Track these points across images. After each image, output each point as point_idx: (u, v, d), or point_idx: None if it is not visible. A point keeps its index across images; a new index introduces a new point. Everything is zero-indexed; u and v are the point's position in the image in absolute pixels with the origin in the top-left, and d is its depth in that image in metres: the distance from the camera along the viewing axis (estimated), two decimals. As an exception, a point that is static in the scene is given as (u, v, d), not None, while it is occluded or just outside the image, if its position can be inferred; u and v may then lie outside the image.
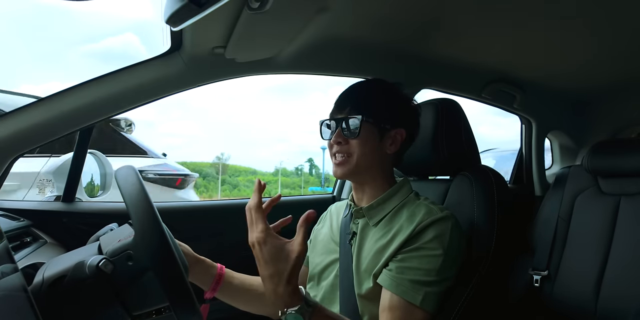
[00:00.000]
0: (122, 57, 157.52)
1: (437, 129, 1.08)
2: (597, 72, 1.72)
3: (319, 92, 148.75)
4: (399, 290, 0.84)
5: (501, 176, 1.06)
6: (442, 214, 0.89)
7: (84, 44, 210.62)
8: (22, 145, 1.12)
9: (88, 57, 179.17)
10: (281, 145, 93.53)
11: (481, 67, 1.66)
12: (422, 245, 0.86)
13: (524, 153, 2.10)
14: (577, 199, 1.41)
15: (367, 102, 0.97)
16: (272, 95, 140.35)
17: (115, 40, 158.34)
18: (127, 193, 0.62)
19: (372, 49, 1.44)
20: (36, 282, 0.61)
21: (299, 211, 0.69)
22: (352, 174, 0.96)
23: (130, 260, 0.61)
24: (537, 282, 1.39)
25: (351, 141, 0.94)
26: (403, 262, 0.86)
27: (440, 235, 0.86)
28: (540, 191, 2.05)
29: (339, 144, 0.95)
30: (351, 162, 0.94)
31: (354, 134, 0.93)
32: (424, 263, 0.85)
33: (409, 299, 0.83)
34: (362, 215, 0.98)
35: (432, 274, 0.84)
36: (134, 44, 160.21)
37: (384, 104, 0.97)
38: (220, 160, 42.51)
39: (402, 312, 0.83)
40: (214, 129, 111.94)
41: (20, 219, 1.13)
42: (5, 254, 0.54)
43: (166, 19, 0.78)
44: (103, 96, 1.18)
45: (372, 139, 0.95)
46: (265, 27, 1.08)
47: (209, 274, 0.97)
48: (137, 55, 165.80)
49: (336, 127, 0.96)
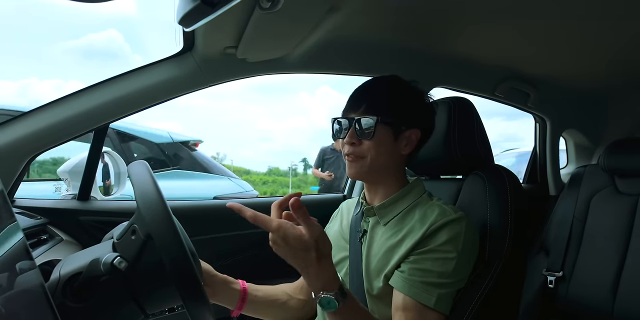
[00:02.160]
0: (104, 54, 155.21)
1: (449, 127, 1.07)
2: (613, 69, 1.68)
3: (305, 92, 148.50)
4: (411, 292, 0.83)
5: (515, 176, 1.05)
6: (455, 215, 0.88)
7: (65, 40, 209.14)
8: (39, 145, 1.15)
9: (69, 54, 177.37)
10: (265, 145, 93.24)
11: (494, 65, 1.64)
12: (435, 248, 0.85)
13: (538, 152, 2.08)
14: (593, 199, 1.39)
15: (383, 101, 0.94)
16: (257, 95, 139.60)
17: (98, 36, 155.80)
18: (136, 181, 0.62)
19: (384, 47, 1.44)
20: (53, 278, 0.62)
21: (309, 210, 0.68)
22: (365, 175, 0.94)
23: (133, 235, 0.62)
24: (552, 284, 1.37)
25: (365, 142, 0.91)
26: (416, 264, 0.85)
27: (454, 237, 0.85)
28: (554, 191, 2.02)
29: (351, 145, 0.92)
30: (364, 163, 0.92)
31: (368, 136, 0.90)
32: (437, 266, 0.84)
33: (422, 300, 0.82)
34: (373, 214, 0.97)
35: (445, 276, 0.84)
36: (117, 41, 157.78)
37: (400, 104, 0.94)
38: (216, 160, 42.44)
39: (415, 314, 0.82)
40: (197, 129, 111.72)
41: (37, 216, 1.15)
42: (24, 251, 0.55)
43: (179, 19, 0.79)
44: (116, 97, 1.20)
45: (386, 141, 0.92)
46: (276, 27, 1.08)
47: (233, 290, 0.95)
48: (120, 53, 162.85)
49: (349, 127, 0.92)
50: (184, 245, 0.57)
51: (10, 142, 1.12)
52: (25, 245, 0.56)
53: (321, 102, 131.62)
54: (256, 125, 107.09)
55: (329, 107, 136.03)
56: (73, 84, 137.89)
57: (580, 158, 2.18)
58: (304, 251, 0.68)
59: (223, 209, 1.53)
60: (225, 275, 0.96)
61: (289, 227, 0.68)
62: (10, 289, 0.48)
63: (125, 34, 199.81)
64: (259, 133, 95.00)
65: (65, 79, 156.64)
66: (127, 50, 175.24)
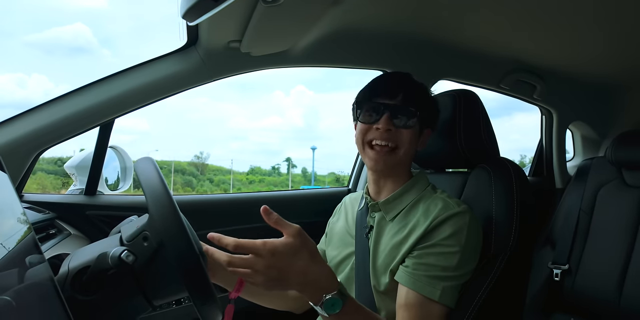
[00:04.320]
0: (70, 48, 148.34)
1: (455, 120, 1.07)
2: (621, 61, 1.66)
3: (280, 91, 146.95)
4: (416, 286, 0.83)
5: (521, 168, 1.04)
6: (458, 209, 0.87)
7: (27, 34, 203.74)
8: (45, 140, 1.16)
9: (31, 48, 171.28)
10: (237, 143, 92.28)
11: (500, 57, 1.62)
12: (438, 242, 0.85)
13: (545, 145, 2.06)
14: (600, 192, 1.38)
15: (422, 96, 0.96)
16: (229, 92, 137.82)
17: (63, 30, 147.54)
18: (145, 181, 0.63)
19: (388, 40, 1.43)
20: (62, 272, 0.63)
21: (314, 203, 0.69)
22: (394, 166, 0.93)
23: (146, 241, 0.63)
24: (558, 276, 1.37)
25: (402, 131, 0.90)
26: (420, 259, 0.85)
27: (457, 231, 0.85)
28: (561, 183, 2.01)
29: (387, 132, 0.90)
30: (398, 153, 0.91)
31: (408, 125, 0.91)
32: (441, 260, 0.84)
33: (427, 294, 0.82)
34: (378, 209, 0.97)
35: (450, 270, 0.84)
36: (84, 35, 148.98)
37: (429, 104, 0.98)
38: (199, 159, 40.28)
39: (420, 308, 0.82)
40: (166, 126, 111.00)
41: (45, 211, 1.17)
42: (33, 245, 0.55)
43: (183, 13, 0.79)
44: (121, 92, 1.20)
45: (416, 133, 0.94)
46: (280, 20, 1.08)
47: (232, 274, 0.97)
48: (87, 47, 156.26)
49: (382, 113, 0.90)
50: (199, 259, 0.58)
51: (17, 138, 1.13)
52: (35, 239, 0.56)
53: (296, 102, 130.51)
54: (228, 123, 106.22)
55: (305, 106, 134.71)
56: (36, 77, 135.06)
57: (587, 150, 2.17)
58: (295, 255, 0.65)
59: (231, 202, 1.54)
60: None
61: (272, 240, 0.66)
62: (20, 283, 0.48)
63: (94, 28, 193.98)
64: (231, 131, 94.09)
65: (28, 73, 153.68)
66: (95, 45, 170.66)
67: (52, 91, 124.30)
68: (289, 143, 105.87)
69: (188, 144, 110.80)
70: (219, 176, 39.18)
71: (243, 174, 40.05)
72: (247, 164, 53.90)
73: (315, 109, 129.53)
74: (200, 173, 38.44)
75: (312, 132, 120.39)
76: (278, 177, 41.31)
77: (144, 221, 0.66)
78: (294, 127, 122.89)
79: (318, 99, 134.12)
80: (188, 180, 33.57)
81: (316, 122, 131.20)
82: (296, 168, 42.03)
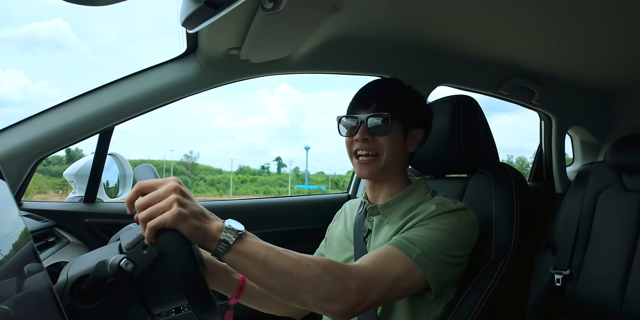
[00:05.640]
0: (48, 44, 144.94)
1: (454, 125, 1.07)
2: (620, 66, 1.67)
3: (264, 90, 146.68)
4: (395, 242, 0.81)
5: (520, 174, 1.04)
6: (455, 206, 0.89)
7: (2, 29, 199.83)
8: (44, 149, 1.16)
9: (6, 43, 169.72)
10: (223, 143, 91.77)
11: (498, 63, 1.63)
12: (430, 222, 0.85)
13: (544, 150, 2.06)
14: (600, 197, 1.38)
15: (394, 99, 0.96)
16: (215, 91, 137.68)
17: (41, 26, 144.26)
18: None
19: (387, 46, 1.44)
20: (60, 280, 0.62)
21: (314, 210, 0.69)
22: (379, 173, 0.95)
23: (145, 249, 0.62)
24: (559, 282, 1.36)
25: (379, 139, 0.93)
26: (409, 231, 0.85)
27: (450, 216, 0.86)
28: (561, 188, 2.01)
29: (364, 141, 0.93)
30: (379, 160, 0.93)
31: (382, 132, 0.92)
32: (426, 232, 0.83)
33: (403, 250, 0.79)
34: (377, 213, 0.97)
35: (434, 243, 0.81)
36: (64, 32, 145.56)
37: (408, 103, 0.97)
38: (189, 158, 39.18)
39: (386, 258, 0.78)
40: (149, 125, 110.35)
41: (44, 219, 1.16)
42: (32, 254, 0.55)
43: (182, 21, 0.79)
44: (121, 99, 1.21)
45: (399, 137, 0.94)
46: (279, 28, 1.08)
47: (232, 279, 0.96)
48: (66, 43, 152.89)
49: (359, 124, 0.94)
50: (200, 269, 0.58)
51: (16, 146, 1.12)
52: (33, 247, 0.56)
53: (281, 101, 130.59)
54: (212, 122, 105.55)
55: (289, 105, 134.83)
56: (11, 73, 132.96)
57: (587, 155, 2.17)
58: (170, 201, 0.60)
59: (232, 209, 1.54)
60: (225, 264, 0.96)
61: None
62: (19, 291, 0.48)
63: (73, 24, 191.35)
64: (215, 130, 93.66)
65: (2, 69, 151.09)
66: (74, 41, 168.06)
67: (29, 88, 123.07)
68: (274, 142, 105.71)
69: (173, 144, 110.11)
70: (209, 175, 38.83)
71: (232, 173, 39.47)
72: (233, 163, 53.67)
73: (300, 109, 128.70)
74: (190, 172, 37.98)
75: (297, 132, 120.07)
76: (268, 176, 40.83)
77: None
78: (279, 127, 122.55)
79: (303, 99, 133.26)
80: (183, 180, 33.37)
81: (301, 122, 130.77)
82: (286, 167, 41.68)
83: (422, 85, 1.60)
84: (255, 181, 35.87)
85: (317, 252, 1.16)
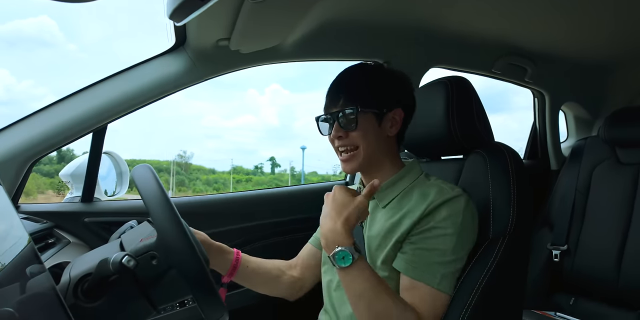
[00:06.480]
0: (33, 42, 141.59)
1: (448, 107, 1.06)
2: (611, 41, 1.66)
3: (254, 89, 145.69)
4: (416, 275, 0.84)
5: (516, 152, 1.04)
6: (453, 193, 0.88)
7: None
8: (39, 150, 1.14)
9: None
10: (212, 142, 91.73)
11: (491, 42, 1.62)
12: (434, 225, 0.86)
13: (538, 127, 2.07)
14: (594, 171, 1.39)
15: (359, 89, 0.95)
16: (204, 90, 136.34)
17: (26, 23, 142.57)
18: (146, 194, 0.63)
19: (378, 30, 1.42)
20: (63, 280, 0.62)
21: (312, 198, 0.70)
22: (361, 166, 0.95)
23: (154, 260, 0.63)
24: (557, 257, 1.38)
25: (351, 133, 0.93)
26: (416, 244, 0.86)
27: (453, 214, 0.86)
28: (556, 165, 2.02)
29: (340, 139, 0.94)
30: (359, 155, 0.93)
31: (352, 127, 0.92)
32: (438, 243, 0.85)
33: (426, 281, 0.84)
34: (371, 198, 0.98)
35: (447, 254, 0.85)
36: (50, 29, 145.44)
37: (377, 88, 0.95)
38: (182, 158, 39.85)
39: (422, 294, 0.84)
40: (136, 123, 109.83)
41: (43, 221, 1.16)
42: (33, 255, 0.55)
43: (169, 14, 0.78)
44: (113, 96, 1.19)
45: (371, 127, 0.93)
46: (267, 16, 1.07)
47: (226, 259, 1.00)
48: (52, 41, 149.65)
49: (333, 122, 0.94)
50: (210, 278, 0.60)
51: (10, 149, 1.11)
52: (34, 249, 0.56)
53: (271, 101, 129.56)
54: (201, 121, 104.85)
55: (280, 105, 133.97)
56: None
57: (581, 131, 2.18)
58: (339, 205, 0.83)
59: (232, 202, 1.54)
60: (220, 244, 1.01)
61: (345, 189, 0.87)
62: (22, 293, 0.48)
63: (60, 22, 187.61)
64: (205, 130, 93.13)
65: None
66: (61, 39, 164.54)
67: (14, 87, 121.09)
68: (264, 142, 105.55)
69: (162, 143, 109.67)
70: (204, 175, 39.02)
71: (226, 173, 39.53)
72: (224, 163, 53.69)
73: (291, 109, 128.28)
74: (184, 172, 38.16)
75: (288, 132, 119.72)
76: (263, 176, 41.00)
77: (148, 235, 0.66)
78: (269, 126, 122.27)
79: (293, 99, 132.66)
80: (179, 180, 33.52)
81: (291, 121, 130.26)
82: (280, 167, 41.86)
83: (415, 68, 1.59)
84: (251, 181, 35.93)
85: (314, 236, 1.17)
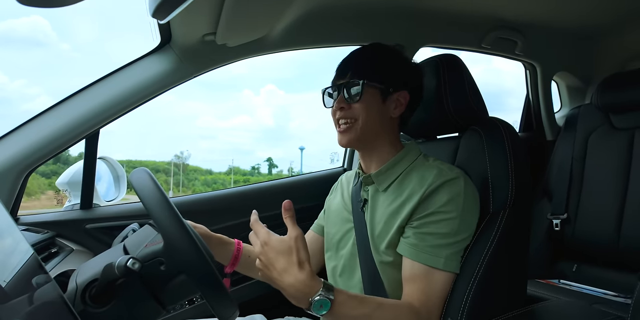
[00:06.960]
0: (26, 42, 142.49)
1: (440, 85, 1.06)
2: (599, 9, 1.65)
3: (249, 90, 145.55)
4: (419, 258, 0.85)
5: (511, 126, 1.04)
6: (452, 175, 0.88)
7: None
8: (33, 160, 1.14)
9: None
10: (206, 143, 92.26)
11: (479, 17, 1.60)
12: (436, 210, 0.86)
13: (531, 99, 2.06)
14: (590, 138, 1.39)
15: (368, 66, 0.96)
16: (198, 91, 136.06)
17: (18, 23, 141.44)
18: (147, 200, 0.63)
19: (364, 13, 1.40)
20: (70, 288, 0.62)
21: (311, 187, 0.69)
22: (358, 140, 0.95)
23: (162, 266, 0.63)
24: (557, 226, 1.39)
25: (354, 105, 0.93)
26: (420, 229, 0.86)
27: (454, 197, 0.86)
28: (551, 136, 2.02)
29: (341, 110, 0.95)
30: (356, 127, 0.94)
31: (356, 98, 0.93)
32: (441, 227, 0.85)
33: (431, 264, 0.84)
34: (371, 182, 0.98)
35: (450, 236, 0.85)
36: (43, 29, 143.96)
37: (385, 67, 0.96)
38: (180, 159, 39.05)
39: (425, 279, 0.84)
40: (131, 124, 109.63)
41: (43, 231, 1.16)
42: (37, 266, 0.55)
43: (152, 12, 0.77)
44: (102, 101, 1.18)
45: (375, 102, 0.94)
46: (251, 7, 1.05)
47: (227, 250, 1.02)
48: (45, 41, 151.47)
49: (338, 93, 0.95)
50: (219, 280, 0.61)
51: (5, 160, 1.10)
52: (37, 260, 0.56)
53: (266, 101, 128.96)
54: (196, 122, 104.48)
55: (275, 106, 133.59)
56: None
57: (574, 100, 2.17)
58: (281, 254, 0.72)
59: (231, 198, 1.54)
60: (220, 236, 1.02)
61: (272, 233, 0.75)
62: (30, 304, 0.48)
63: (53, 22, 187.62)
64: (200, 130, 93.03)
65: None
66: (54, 38, 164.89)
67: (6, 86, 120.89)
68: (260, 142, 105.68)
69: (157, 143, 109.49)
70: (201, 176, 38.97)
71: (223, 174, 39.67)
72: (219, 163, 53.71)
73: (286, 109, 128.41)
74: (181, 172, 38.09)
75: (284, 132, 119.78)
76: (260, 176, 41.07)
77: (152, 240, 0.66)
78: (264, 127, 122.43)
79: (289, 99, 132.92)
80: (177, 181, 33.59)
81: (287, 122, 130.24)
82: (277, 168, 41.77)
83: (405, 49, 1.58)
84: (249, 181, 36.24)
85: (316, 223, 1.17)
